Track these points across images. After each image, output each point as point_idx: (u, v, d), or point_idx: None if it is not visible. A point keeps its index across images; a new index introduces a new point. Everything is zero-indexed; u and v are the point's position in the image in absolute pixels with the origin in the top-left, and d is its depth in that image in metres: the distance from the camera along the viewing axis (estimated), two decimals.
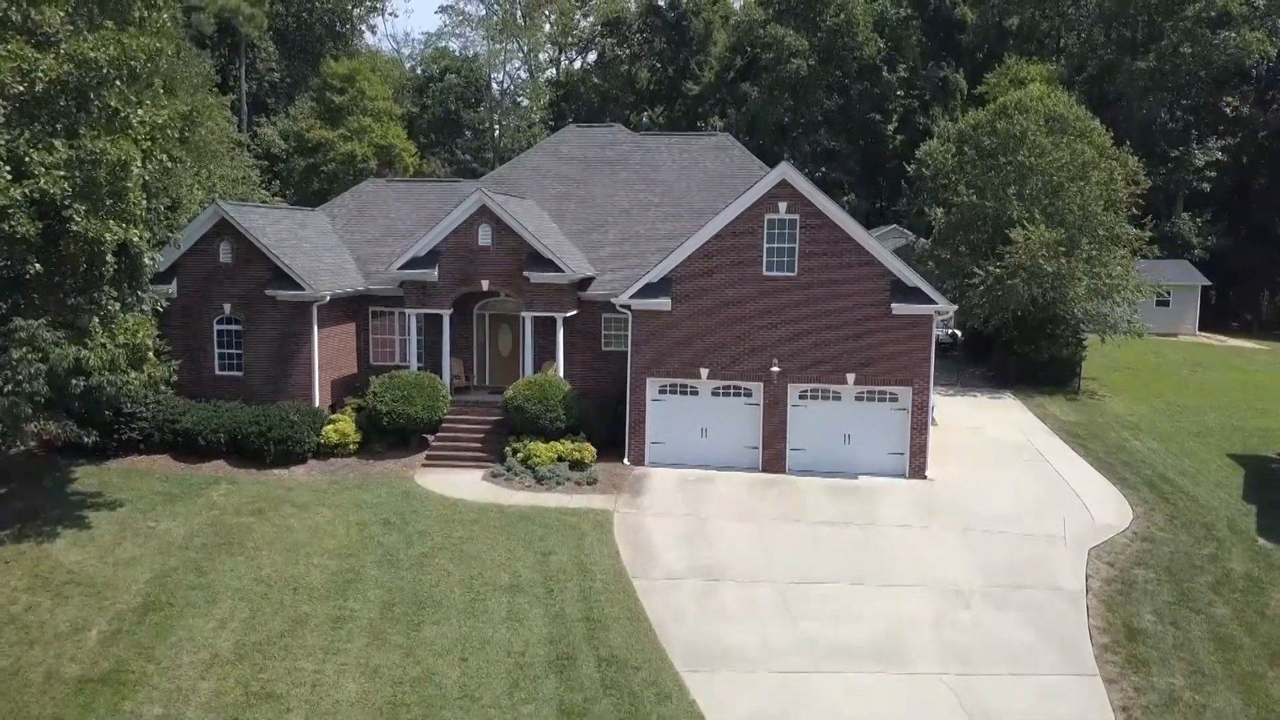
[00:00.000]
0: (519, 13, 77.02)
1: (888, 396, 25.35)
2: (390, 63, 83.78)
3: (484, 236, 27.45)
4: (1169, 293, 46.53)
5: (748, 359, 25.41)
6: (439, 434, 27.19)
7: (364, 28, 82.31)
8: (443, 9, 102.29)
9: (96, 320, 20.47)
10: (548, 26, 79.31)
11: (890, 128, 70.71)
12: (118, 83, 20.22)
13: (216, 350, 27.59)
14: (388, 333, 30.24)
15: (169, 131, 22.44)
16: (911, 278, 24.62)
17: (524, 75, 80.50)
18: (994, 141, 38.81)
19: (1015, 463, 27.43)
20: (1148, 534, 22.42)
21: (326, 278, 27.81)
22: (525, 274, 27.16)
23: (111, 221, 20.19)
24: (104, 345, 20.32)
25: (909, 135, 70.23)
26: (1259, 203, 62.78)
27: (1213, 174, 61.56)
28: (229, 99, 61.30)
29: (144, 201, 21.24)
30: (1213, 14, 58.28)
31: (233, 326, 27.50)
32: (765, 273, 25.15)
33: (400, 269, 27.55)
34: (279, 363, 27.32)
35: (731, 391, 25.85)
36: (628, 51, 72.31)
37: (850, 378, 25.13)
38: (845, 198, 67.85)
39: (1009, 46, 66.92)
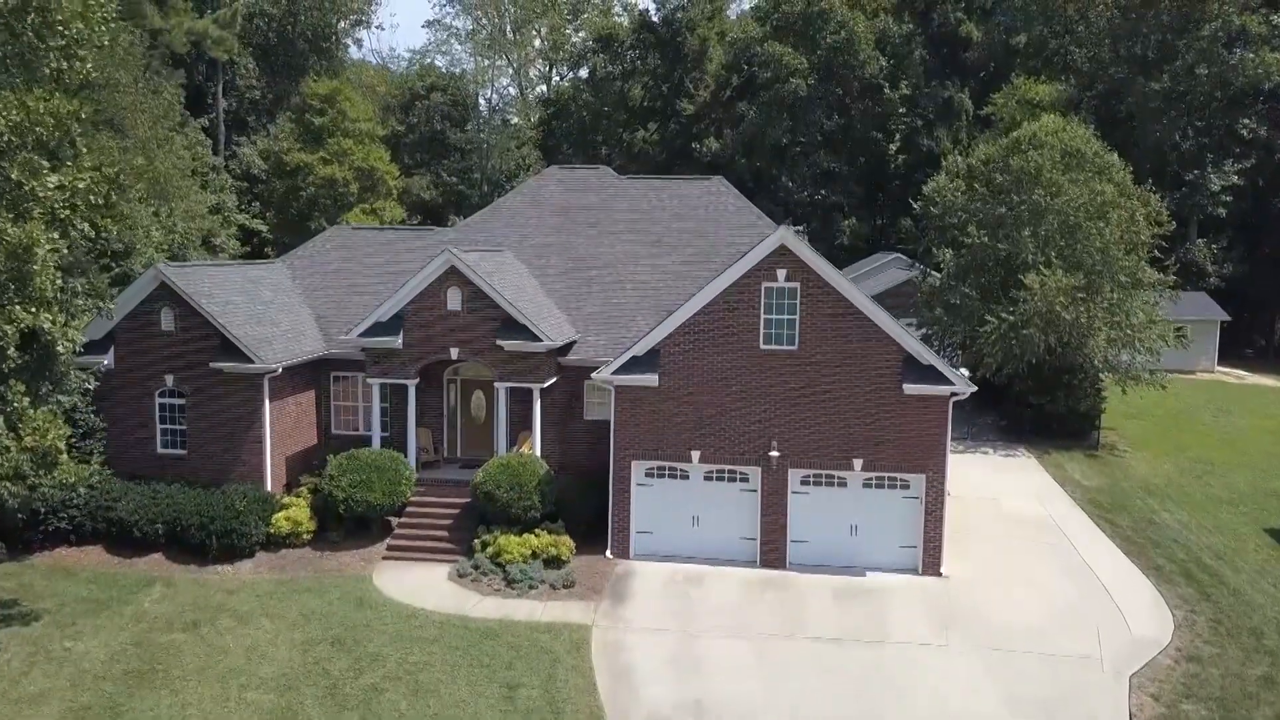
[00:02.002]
0: (509, 27, 74.54)
1: (899, 484, 22.85)
2: (377, 74, 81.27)
3: (453, 300, 24.94)
4: (1190, 338, 43.72)
5: (744, 441, 22.91)
6: (404, 517, 24.69)
7: (349, 41, 79.88)
8: (430, 24, 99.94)
9: (1, 420, 17.96)
10: (538, 41, 76.85)
11: (893, 147, 68.24)
12: (21, 152, 17.72)
13: (159, 426, 25.07)
14: (351, 399, 27.73)
15: (92, 198, 19.88)
16: (925, 355, 22.13)
17: (513, 92, 78.04)
18: (1007, 178, 36.33)
19: (1038, 548, 24.92)
20: (1193, 650, 19.91)
21: (280, 345, 25.28)
22: (498, 342, 24.66)
23: (17, 307, 17.75)
24: (7, 449, 17.79)
25: (911, 156, 67.81)
26: (1276, 227, 60.37)
27: (1228, 199, 59.11)
28: (202, 121, 58.90)
29: (58, 280, 18.75)
30: (1230, 33, 55.92)
31: (176, 400, 24.98)
32: (763, 347, 22.65)
33: (361, 335, 25.04)
34: (227, 440, 24.79)
35: (726, 476, 23.35)
36: (620, 69, 69.84)
37: (857, 463, 22.63)
38: (845, 221, 65.39)
39: (1015, 65, 64.47)
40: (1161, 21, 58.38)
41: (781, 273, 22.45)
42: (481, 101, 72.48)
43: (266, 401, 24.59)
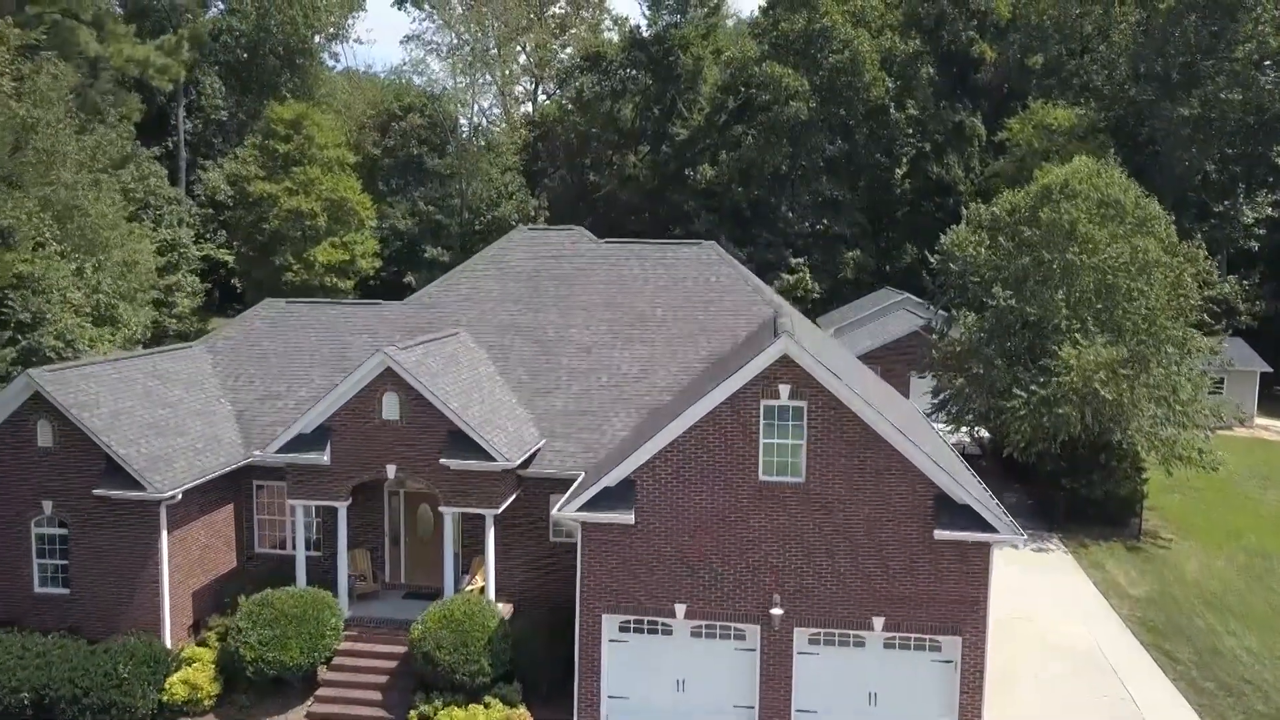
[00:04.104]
0: (492, 42, 70.26)
1: (928, 645, 18.73)
2: (353, 90, 77.02)
3: (390, 408, 20.79)
4: (1245, 414, 39.35)
5: (739, 593, 18.76)
6: (331, 670, 20.48)
7: (325, 56, 75.70)
8: (408, 39, 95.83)
9: None
10: (523, 58, 72.68)
11: (899, 172, 64.15)
12: None
13: (35, 561, 20.87)
14: (277, 511, 23.56)
15: None
16: (961, 493, 17.98)
17: (496, 111, 73.82)
18: (1035, 233, 32.20)
19: (1090, 702, 20.78)
20: None
21: (184, 462, 21.10)
22: (443, 461, 20.50)
23: None
24: None
25: (918, 181, 63.82)
26: None
27: (1261, 231, 55.09)
28: (157, 148, 54.78)
29: None
30: (1263, 54, 51.90)
31: (57, 530, 20.80)
32: (762, 478, 18.52)
33: (280, 451, 20.86)
34: (117, 579, 20.61)
35: (718, 633, 19.19)
36: (609, 87, 65.69)
37: (877, 622, 18.50)
38: (849, 254, 61.28)
39: (1030, 86, 60.44)
40: (1188, 41, 54.29)
41: (784, 389, 18.32)
42: (463, 121, 68.28)
43: (164, 533, 20.42)
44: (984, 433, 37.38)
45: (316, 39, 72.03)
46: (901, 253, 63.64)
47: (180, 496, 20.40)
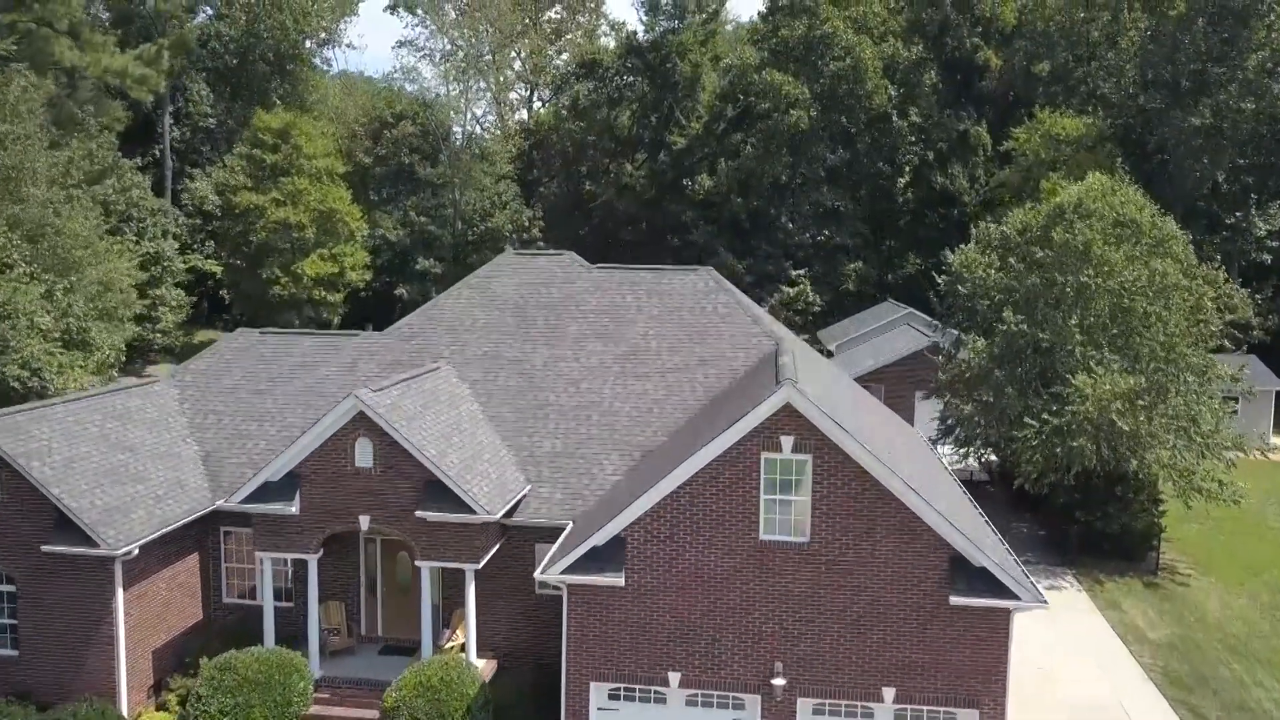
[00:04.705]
0: (486, 48, 68.80)
1: (942, 717, 17.31)
2: (345, 96, 75.67)
3: (363, 455, 19.38)
4: (1271, 442, 37.90)
5: (738, 660, 17.35)
6: None
7: (318, 61, 74.23)
8: (401, 44, 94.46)
9: None
10: (518, 65, 71.23)
11: (901, 181, 62.71)
12: None
13: None
14: (247, 559, 22.11)
15: None
16: (978, 555, 16.56)
17: (490, 119, 72.38)
18: (1048, 254, 30.77)
19: None
20: None
21: (142, 512, 19.67)
22: (419, 513, 19.10)
23: None
24: None
25: (921, 191, 62.39)
26: None
27: (1273, 243, 53.70)
28: (137, 159, 53.35)
29: None
30: (1276, 62, 50.51)
31: (4, 587, 19.38)
32: (763, 537, 17.10)
33: (245, 501, 19.46)
34: (69, 639, 19.19)
35: (715, 702, 17.78)
36: (605, 94, 64.26)
37: (888, 693, 17.08)
38: (851, 265, 59.88)
39: (1037, 94, 59.03)
40: (1198, 48, 52.84)
41: (787, 441, 16.90)
42: (456, 129, 66.80)
43: (119, 590, 18.99)
44: (993, 457, 36.02)
45: (308, 44, 70.70)
46: (904, 263, 62.27)
47: (137, 551, 18.97)
